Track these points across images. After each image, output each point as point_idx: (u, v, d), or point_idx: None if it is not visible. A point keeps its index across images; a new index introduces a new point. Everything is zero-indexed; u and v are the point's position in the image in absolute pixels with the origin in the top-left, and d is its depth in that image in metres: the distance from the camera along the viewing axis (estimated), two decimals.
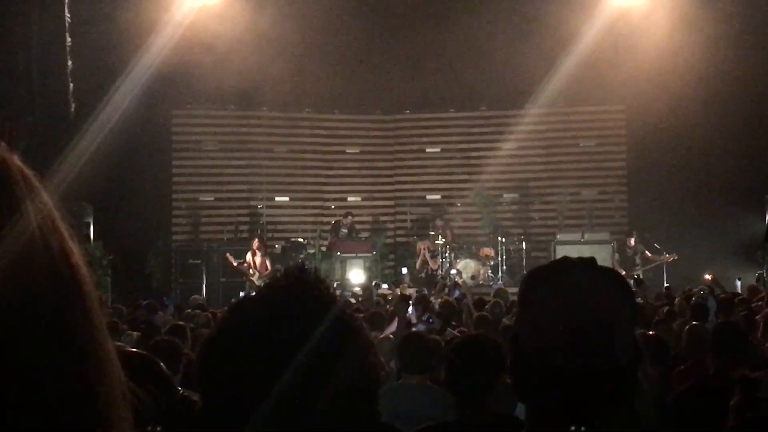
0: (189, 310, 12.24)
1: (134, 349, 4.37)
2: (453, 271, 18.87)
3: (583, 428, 1.58)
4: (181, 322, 8.93)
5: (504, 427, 3.37)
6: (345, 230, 19.80)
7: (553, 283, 1.67)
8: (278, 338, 1.16)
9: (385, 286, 18.32)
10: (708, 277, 15.30)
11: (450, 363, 3.79)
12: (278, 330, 1.17)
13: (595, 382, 1.59)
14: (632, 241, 19.08)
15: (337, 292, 17.58)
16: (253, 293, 1.26)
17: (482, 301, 12.87)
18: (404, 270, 19.62)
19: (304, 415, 1.14)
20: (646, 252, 18.86)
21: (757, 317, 9.39)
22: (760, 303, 11.54)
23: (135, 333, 8.63)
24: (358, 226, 20.66)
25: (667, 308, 10.99)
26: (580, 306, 1.61)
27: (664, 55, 19.39)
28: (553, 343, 1.60)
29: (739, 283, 15.20)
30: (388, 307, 12.78)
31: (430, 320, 10.53)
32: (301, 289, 1.23)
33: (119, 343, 5.80)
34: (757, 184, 18.76)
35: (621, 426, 1.65)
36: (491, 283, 18.71)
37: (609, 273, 1.70)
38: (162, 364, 3.62)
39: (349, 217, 19.96)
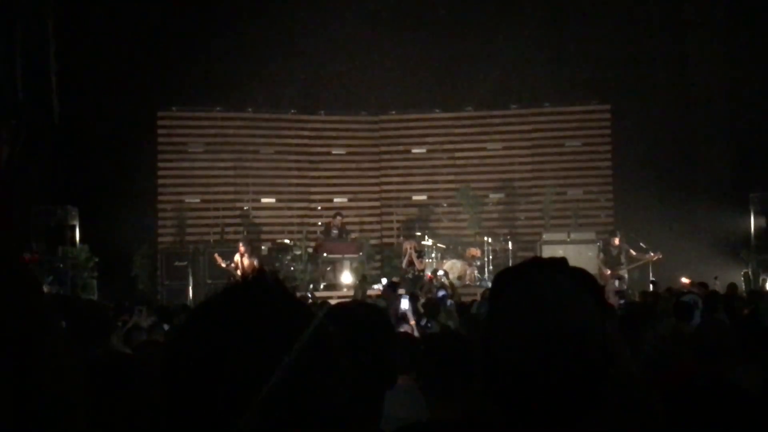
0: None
1: (117, 352, 4.38)
2: (440, 272, 18.85)
3: None
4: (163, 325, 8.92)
5: (481, 426, 3.36)
6: (336, 231, 19.71)
7: (522, 286, 1.65)
8: (238, 339, 1.16)
9: (376, 286, 18.18)
10: (685, 280, 15.42)
11: (421, 361, 3.76)
12: (239, 330, 1.17)
13: (567, 384, 1.59)
14: (617, 240, 19.10)
15: (322, 295, 17.56)
16: (213, 296, 1.26)
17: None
18: (383, 281, 19.29)
19: (267, 416, 1.15)
20: (631, 251, 18.89)
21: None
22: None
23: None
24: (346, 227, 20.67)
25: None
26: (550, 309, 1.60)
27: (649, 55, 19.45)
28: (523, 346, 1.60)
29: (717, 283, 15.18)
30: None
31: (428, 325, 10.52)
32: (259, 290, 1.23)
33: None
34: (741, 182, 18.83)
35: (595, 426, 1.65)
36: (478, 283, 18.72)
37: (578, 273, 1.69)
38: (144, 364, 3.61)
39: (338, 218, 19.87)
